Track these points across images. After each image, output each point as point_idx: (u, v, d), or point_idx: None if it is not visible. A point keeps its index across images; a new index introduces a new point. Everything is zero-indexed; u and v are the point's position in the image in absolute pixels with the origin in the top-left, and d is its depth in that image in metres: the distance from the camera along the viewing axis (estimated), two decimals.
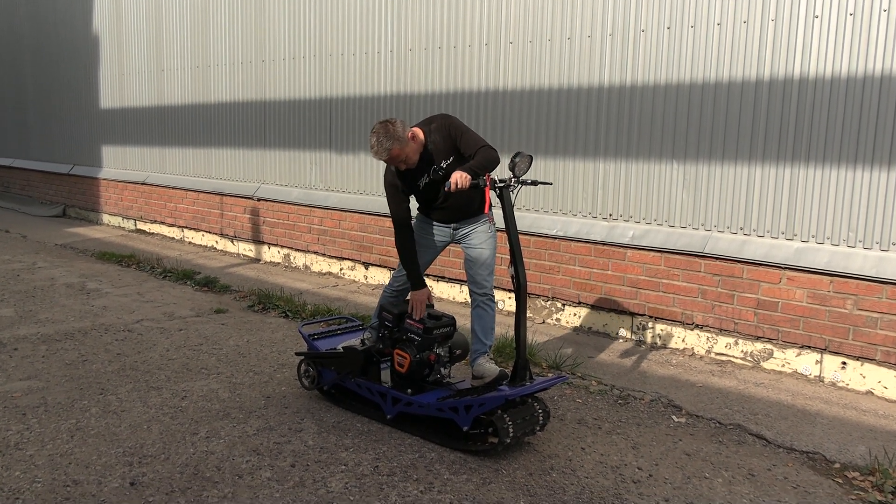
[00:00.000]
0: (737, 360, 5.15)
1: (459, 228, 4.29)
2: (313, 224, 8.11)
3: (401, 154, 3.96)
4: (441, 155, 4.07)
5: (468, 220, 4.26)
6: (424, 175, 4.11)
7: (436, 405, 3.84)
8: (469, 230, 4.28)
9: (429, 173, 4.09)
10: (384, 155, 3.92)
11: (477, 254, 4.24)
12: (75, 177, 12.11)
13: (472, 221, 4.27)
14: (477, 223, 4.28)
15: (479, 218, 4.28)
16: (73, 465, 3.58)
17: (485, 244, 4.25)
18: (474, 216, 4.27)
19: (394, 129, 3.90)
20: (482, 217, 4.28)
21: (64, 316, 6.32)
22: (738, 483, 3.56)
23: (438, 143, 4.06)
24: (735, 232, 5.12)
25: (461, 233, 4.30)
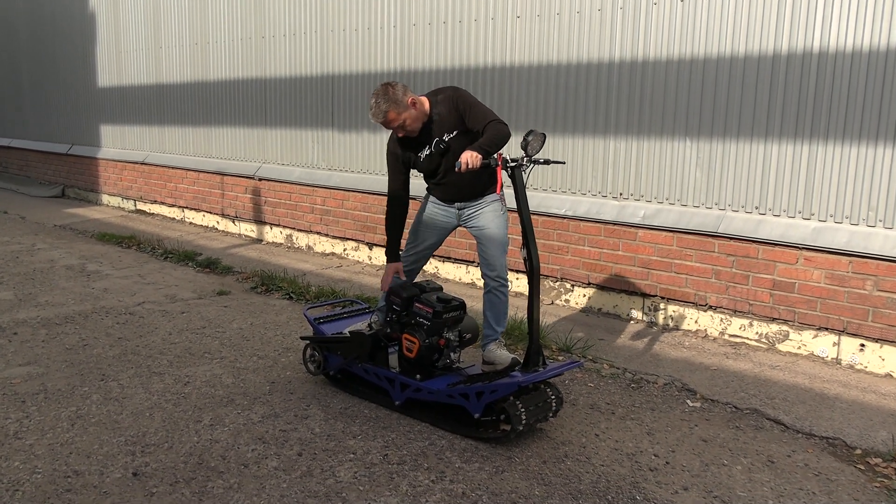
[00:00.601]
0: (751, 342, 5.04)
1: (465, 209, 4.12)
2: (316, 204, 7.98)
3: (397, 119, 3.83)
4: (445, 127, 3.92)
5: (473, 200, 4.10)
6: (426, 147, 3.96)
7: (446, 391, 3.74)
8: (475, 211, 4.11)
9: (430, 145, 3.95)
10: (380, 117, 3.83)
11: (486, 235, 4.06)
12: (74, 157, 11.96)
13: (479, 201, 4.10)
14: (483, 203, 4.09)
15: (486, 198, 4.10)
16: (74, 455, 3.49)
17: (493, 224, 4.05)
18: (479, 196, 4.09)
19: (393, 93, 3.80)
20: (490, 197, 4.11)
21: (64, 299, 6.21)
22: (758, 470, 3.47)
23: (444, 114, 3.92)
24: (750, 211, 4.99)
25: (467, 213, 4.13)
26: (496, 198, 4.08)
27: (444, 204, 4.13)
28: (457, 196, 4.07)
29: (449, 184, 4.03)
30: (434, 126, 3.93)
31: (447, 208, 4.14)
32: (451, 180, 4.00)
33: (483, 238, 4.07)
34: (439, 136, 3.92)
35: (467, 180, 3.94)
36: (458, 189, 4.03)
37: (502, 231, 4.05)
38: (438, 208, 4.16)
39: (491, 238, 4.04)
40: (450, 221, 4.18)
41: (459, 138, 3.90)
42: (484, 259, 4.07)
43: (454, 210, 4.14)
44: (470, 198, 4.07)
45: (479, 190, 4.07)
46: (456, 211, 4.13)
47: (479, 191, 4.07)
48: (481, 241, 4.08)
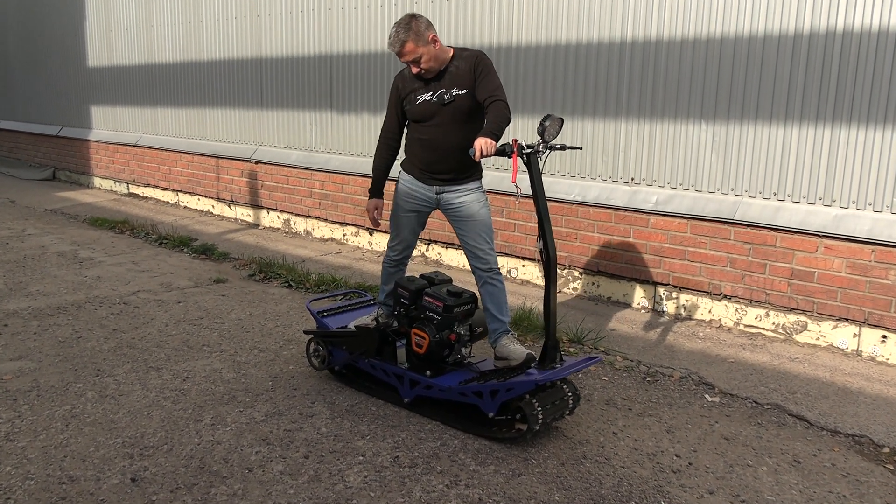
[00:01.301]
0: (767, 333, 4.89)
1: (443, 193, 3.83)
2: (314, 188, 7.77)
3: (414, 52, 3.64)
4: (457, 82, 3.70)
5: (453, 182, 3.81)
6: (429, 93, 3.74)
7: (458, 389, 3.57)
8: (456, 197, 3.81)
9: (434, 93, 3.72)
10: (397, 46, 3.65)
11: (473, 226, 3.79)
12: (64, 138, 11.69)
13: (459, 184, 3.81)
14: (464, 190, 3.81)
15: (468, 184, 3.83)
16: (69, 459, 3.32)
17: (479, 214, 3.79)
18: (459, 178, 3.81)
19: (416, 24, 3.64)
20: (472, 183, 3.83)
21: (56, 288, 6.02)
22: (785, 471, 3.32)
23: (461, 69, 3.71)
24: (768, 197, 4.81)
25: (446, 200, 3.83)
26: (478, 185, 3.85)
27: (420, 185, 3.85)
28: (435, 163, 3.78)
29: (431, 143, 3.75)
30: (447, 76, 3.71)
31: (423, 189, 3.85)
32: (434, 139, 3.73)
33: (468, 229, 3.80)
34: (447, 89, 3.71)
35: (449, 148, 3.72)
36: (439, 153, 3.75)
37: (488, 221, 3.81)
38: (415, 189, 3.88)
39: (477, 229, 3.78)
40: (428, 203, 3.88)
41: (465, 99, 3.69)
42: (472, 252, 3.80)
43: (431, 193, 3.85)
44: (448, 174, 3.79)
45: (458, 165, 3.78)
46: (433, 195, 3.85)
47: (457, 166, 3.78)
48: (466, 232, 3.81)
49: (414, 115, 3.79)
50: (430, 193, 3.84)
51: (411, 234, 3.98)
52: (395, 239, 4.00)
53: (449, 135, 3.73)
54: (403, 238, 3.98)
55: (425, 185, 3.84)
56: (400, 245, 4.00)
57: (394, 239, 4.00)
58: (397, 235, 3.98)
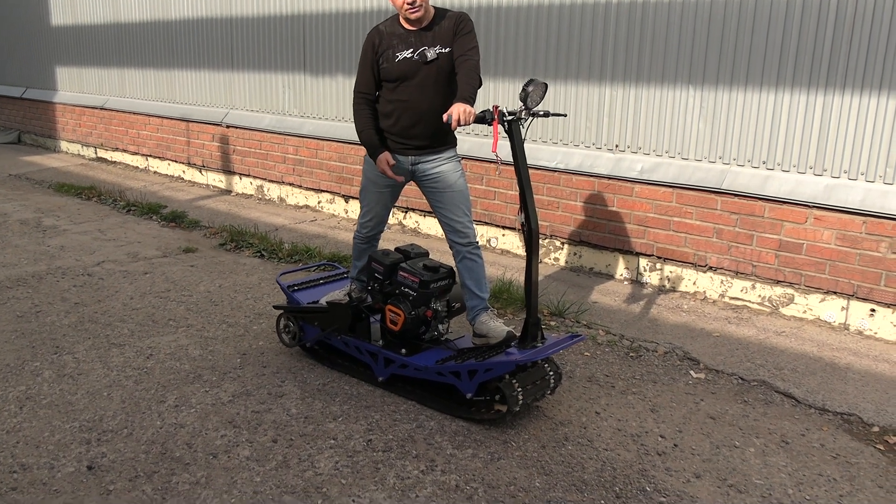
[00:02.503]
0: (753, 306, 4.76)
1: (419, 163, 3.60)
2: (288, 153, 7.51)
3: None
4: (439, 41, 3.45)
5: (429, 151, 3.58)
6: (409, 50, 3.49)
7: (434, 368, 3.41)
8: (432, 167, 3.59)
9: (415, 51, 3.48)
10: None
11: (450, 198, 3.57)
12: (28, 100, 11.27)
13: (435, 153, 3.59)
14: (440, 159, 3.59)
15: (444, 153, 3.61)
16: (22, 445, 3.13)
17: (457, 185, 3.58)
18: (436, 147, 3.59)
19: None
20: (448, 153, 3.62)
21: (17, 258, 5.76)
22: (773, 453, 3.20)
23: (443, 28, 3.46)
24: (757, 166, 4.65)
25: (422, 169, 3.61)
26: (454, 154, 3.63)
27: (394, 156, 3.60)
28: (411, 127, 3.54)
29: (407, 105, 3.51)
30: (430, 34, 3.47)
31: (397, 160, 3.60)
32: (411, 99, 3.50)
33: (446, 201, 3.58)
34: (430, 47, 3.47)
35: (427, 107, 3.48)
36: (416, 117, 3.52)
37: (466, 192, 3.60)
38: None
39: (455, 200, 3.57)
40: (402, 175, 3.65)
41: (448, 59, 3.46)
42: (449, 226, 3.59)
43: (406, 165, 3.62)
44: (423, 141, 3.56)
45: (436, 131, 3.54)
46: (408, 167, 3.63)
47: (434, 131, 3.55)
48: (443, 204, 3.59)
49: (392, 74, 3.52)
50: (405, 165, 3.62)
51: (384, 209, 3.76)
52: (366, 215, 3.78)
53: (428, 97, 3.49)
54: (376, 214, 3.76)
55: (400, 155, 3.61)
56: (372, 221, 3.78)
57: (365, 215, 3.78)
58: (369, 211, 3.76)
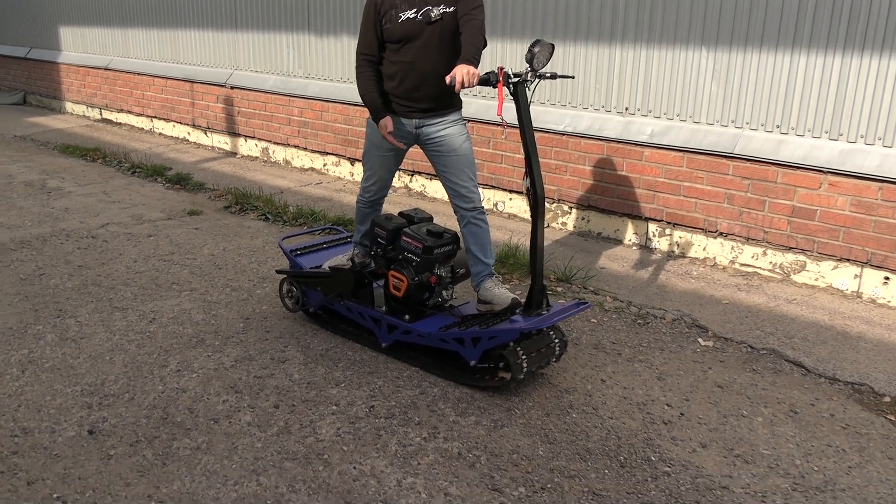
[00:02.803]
0: (764, 273, 4.68)
1: (423, 126, 3.51)
2: (293, 115, 7.41)
3: None
4: (441, 0, 3.36)
5: (433, 114, 3.48)
6: (413, 10, 3.36)
7: (438, 335, 3.37)
8: (436, 131, 3.50)
9: (418, 10, 3.36)
10: None
11: (455, 162, 3.48)
12: (33, 61, 11.16)
13: (440, 116, 3.49)
14: (445, 122, 3.50)
15: (449, 115, 3.51)
16: (24, 409, 3.11)
17: (462, 148, 3.49)
18: (441, 110, 3.49)
19: None
20: (453, 115, 3.52)
21: (21, 220, 5.73)
22: (781, 422, 3.16)
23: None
24: (770, 130, 4.54)
25: (426, 133, 3.51)
26: (459, 117, 3.53)
27: (398, 120, 3.52)
28: (415, 89, 3.44)
29: (413, 66, 3.40)
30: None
31: (401, 124, 3.52)
32: (416, 61, 3.39)
33: (450, 164, 3.49)
34: (433, 6, 3.34)
35: (432, 68, 3.36)
36: (420, 79, 3.41)
37: (471, 155, 3.51)
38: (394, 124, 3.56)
39: (460, 164, 3.48)
40: (406, 139, 3.57)
41: (452, 18, 3.34)
42: (454, 191, 3.51)
43: (410, 129, 3.53)
44: (428, 104, 3.46)
45: (440, 93, 3.42)
46: (412, 130, 3.54)
47: (438, 93, 3.43)
48: (448, 168, 3.51)
49: (395, 35, 3.41)
50: (409, 128, 3.52)
51: (387, 173, 3.68)
52: (369, 179, 3.70)
53: (432, 58, 3.39)
54: (379, 178, 3.68)
55: (404, 118, 3.52)
56: (375, 185, 3.70)
57: (368, 179, 3.70)
58: (372, 175, 3.68)
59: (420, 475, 2.74)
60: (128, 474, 2.71)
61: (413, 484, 2.69)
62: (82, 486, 2.63)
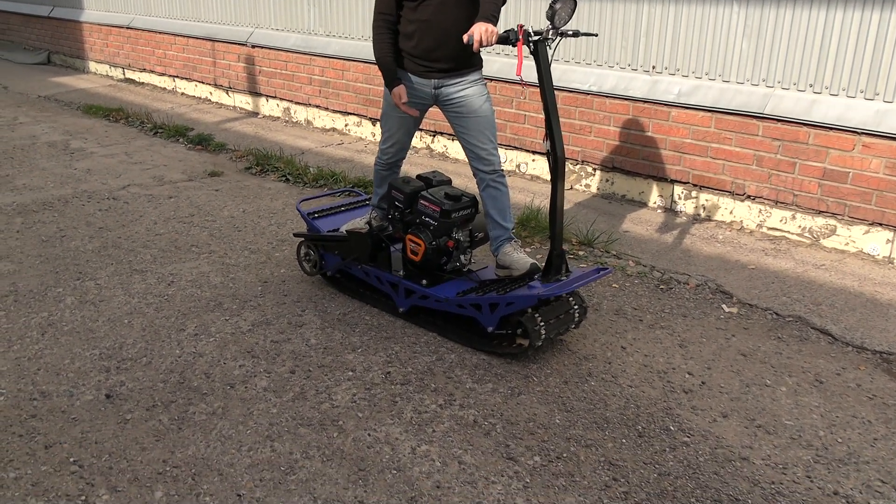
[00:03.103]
0: (792, 237, 4.56)
1: (442, 87, 3.41)
2: (314, 74, 7.32)
3: None
4: None
5: (453, 73, 3.38)
6: None
7: (455, 300, 3.32)
8: (456, 91, 3.39)
9: None
10: None
11: (474, 123, 3.39)
12: (56, 20, 11.12)
13: (458, 77, 3.38)
14: (465, 82, 3.39)
15: (469, 75, 3.40)
16: (43, 372, 3.13)
17: (482, 109, 3.39)
18: (459, 69, 3.37)
19: None
20: (473, 75, 3.41)
21: (43, 182, 5.75)
22: (805, 392, 3.09)
23: None
24: (803, 89, 4.37)
25: (445, 93, 3.41)
26: (479, 76, 3.43)
27: (417, 80, 3.42)
28: (434, 49, 3.33)
29: (430, 24, 3.29)
30: None
31: (420, 85, 3.43)
32: (433, 19, 3.27)
33: (470, 126, 3.40)
34: None
35: (451, 26, 3.25)
36: (442, 35, 3.29)
37: (491, 117, 3.42)
38: (409, 85, 3.45)
39: (480, 125, 3.39)
40: (425, 100, 3.48)
41: None
42: (473, 153, 3.42)
43: (429, 89, 3.43)
44: (448, 63, 3.35)
45: (460, 52, 3.31)
46: (431, 90, 3.44)
47: (458, 53, 3.32)
48: (467, 129, 3.41)
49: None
50: (427, 88, 3.43)
51: (406, 134, 3.60)
52: (387, 140, 3.62)
53: (450, 15, 3.27)
54: (398, 140, 3.60)
55: (422, 78, 3.43)
56: (393, 147, 3.63)
57: (387, 140, 3.63)
58: (390, 136, 3.59)
59: (435, 443, 2.72)
60: (144, 439, 2.72)
61: (427, 451, 2.67)
62: (98, 450, 2.65)
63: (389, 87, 3.41)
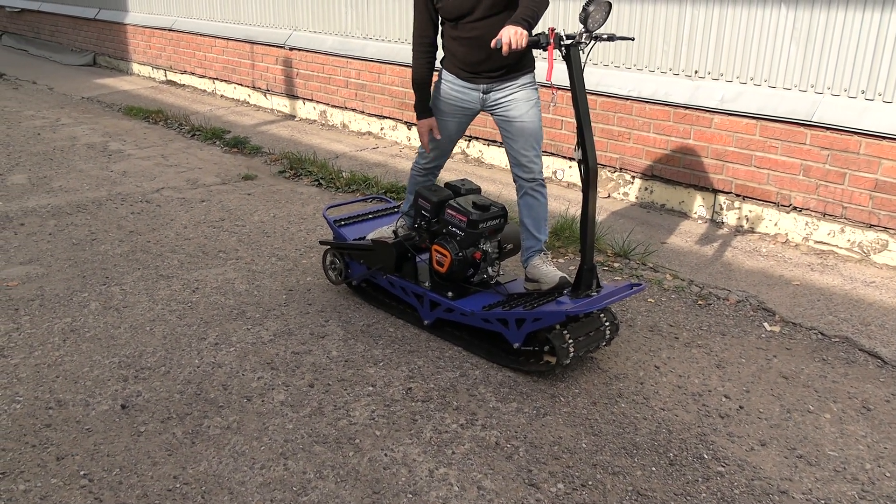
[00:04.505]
0: (841, 252, 4.34)
1: (490, 92, 3.32)
2: (350, 77, 7.26)
3: None
4: None
5: (502, 81, 3.29)
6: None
7: (481, 315, 3.20)
8: (504, 96, 3.30)
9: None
10: None
11: (519, 129, 3.29)
12: (102, 22, 11.29)
13: (508, 83, 3.29)
14: (514, 86, 3.29)
15: (519, 79, 3.29)
16: (61, 380, 3.10)
17: (528, 115, 3.28)
18: (510, 73, 3.28)
19: None
20: (523, 78, 3.30)
21: (79, 184, 5.78)
22: (851, 420, 2.90)
23: None
24: (854, 96, 4.16)
25: (493, 98, 3.33)
26: (530, 80, 3.31)
27: (465, 84, 3.34)
28: (482, 62, 3.25)
29: (476, 41, 3.20)
30: None
31: (468, 90, 3.35)
32: (481, 36, 3.18)
33: (514, 132, 3.30)
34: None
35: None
36: (486, 51, 3.17)
37: (537, 123, 3.30)
38: (457, 90, 3.38)
39: (524, 132, 3.28)
40: (472, 107, 3.40)
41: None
42: (515, 159, 3.33)
43: (477, 94, 3.35)
44: (497, 69, 3.27)
45: (510, 61, 3.23)
46: (479, 95, 3.35)
47: (509, 61, 3.23)
48: (511, 135, 3.32)
49: (450, 13, 3.22)
50: (475, 93, 3.35)
51: (448, 141, 3.50)
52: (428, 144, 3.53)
53: (495, 29, 3.11)
54: (438, 145, 3.49)
55: (470, 84, 3.34)
56: (434, 152, 3.53)
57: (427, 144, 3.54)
58: (431, 140, 3.50)
59: (454, 465, 2.60)
60: (156, 453, 2.65)
61: (445, 475, 2.55)
62: (110, 463, 2.59)
63: (418, 117, 3.41)
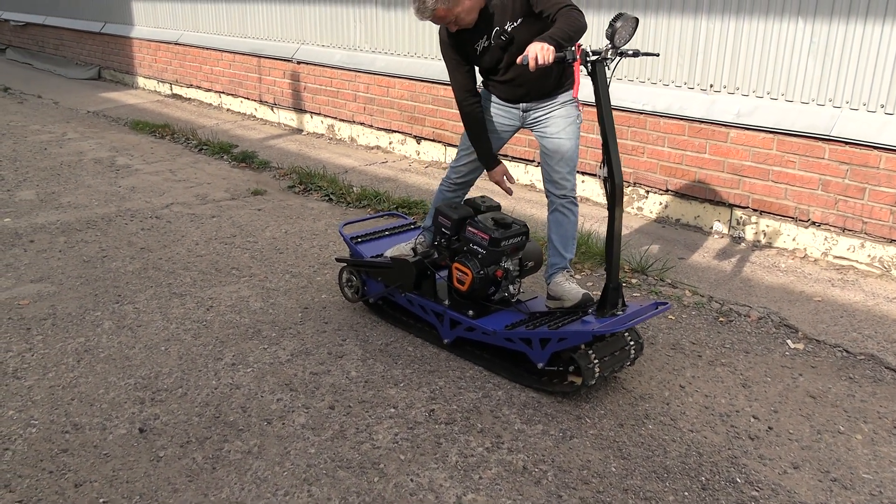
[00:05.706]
0: (861, 267, 4.29)
1: (530, 110, 3.36)
2: (359, 91, 7.23)
3: (448, 15, 3.10)
4: (507, 14, 3.12)
5: (542, 100, 3.33)
6: (483, 37, 3.19)
7: (503, 334, 3.15)
8: (543, 114, 3.34)
9: (489, 36, 3.18)
10: (427, 15, 3.11)
11: (555, 145, 3.31)
12: (107, 35, 11.28)
13: (548, 101, 3.33)
14: (554, 104, 3.32)
15: (559, 97, 3.32)
16: (76, 403, 3.04)
17: (564, 132, 3.29)
18: (549, 95, 3.32)
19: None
20: (563, 96, 3.32)
21: (88, 200, 5.73)
22: (883, 441, 2.84)
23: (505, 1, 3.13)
24: (874, 110, 4.12)
25: (533, 116, 3.37)
26: (569, 99, 3.31)
27: (506, 104, 3.39)
28: (523, 96, 3.31)
29: (513, 82, 3.28)
30: (494, 12, 3.14)
31: (509, 109, 3.40)
32: (517, 77, 3.24)
33: (551, 149, 3.32)
34: (500, 26, 3.13)
35: (535, 76, 3.15)
36: (525, 87, 3.27)
37: (574, 141, 3.30)
38: (498, 109, 3.42)
39: (560, 150, 3.29)
40: (512, 124, 3.45)
41: (525, 27, 3.11)
42: (549, 176, 3.34)
43: (517, 112, 3.39)
44: (538, 97, 3.32)
45: (550, 87, 3.29)
46: (520, 113, 3.39)
47: (549, 88, 3.29)
48: (548, 152, 3.34)
49: (483, 66, 3.34)
50: (516, 111, 3.40)
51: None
52: (463, 159, 3.52)
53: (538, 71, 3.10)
54: (473, 160, 3.50)
55: (511, 103, 3.39)
56: (467, 166, 3.54)
57: (462, 159, 3.53)
58: (467, 155, 3.49)
59: (482, 491, 2.54)
60: (176, 479, 2.59)
61: (474, 501, 2.49)
62: (129, 490, 2.53)
63: (489, 170, 3.50)
